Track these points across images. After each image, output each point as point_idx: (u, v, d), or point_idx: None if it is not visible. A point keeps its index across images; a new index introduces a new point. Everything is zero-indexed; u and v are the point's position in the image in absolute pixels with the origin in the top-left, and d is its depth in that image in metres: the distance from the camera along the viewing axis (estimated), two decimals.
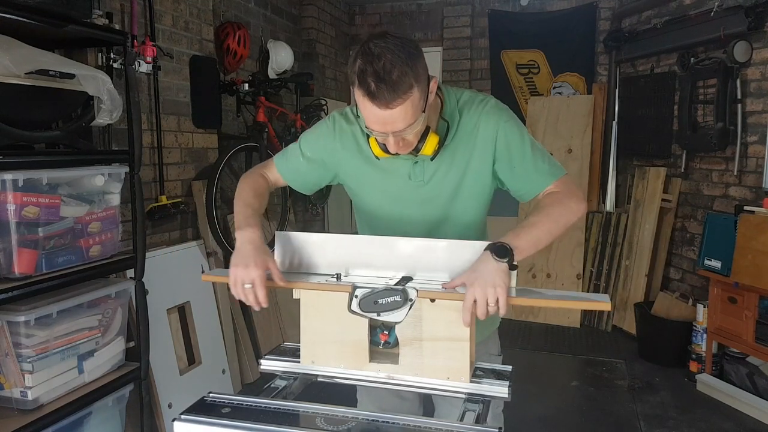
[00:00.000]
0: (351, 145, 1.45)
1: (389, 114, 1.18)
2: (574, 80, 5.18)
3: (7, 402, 1.88)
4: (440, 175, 1.41)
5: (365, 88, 1.16)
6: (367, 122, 1.24)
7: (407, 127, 1.22)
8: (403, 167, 1.41)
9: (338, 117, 1.47)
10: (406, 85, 1.16)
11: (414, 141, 1.30)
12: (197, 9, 3.19)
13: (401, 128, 1.22)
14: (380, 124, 1.22)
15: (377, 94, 1.15)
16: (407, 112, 1.19)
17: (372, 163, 1.42)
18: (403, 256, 1.32)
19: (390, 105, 1.17)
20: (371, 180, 1.46)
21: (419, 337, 1.23)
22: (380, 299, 1.20)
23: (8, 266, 1.81)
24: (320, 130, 1.49)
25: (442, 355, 1.22)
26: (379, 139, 1.30)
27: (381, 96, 1.15)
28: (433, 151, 1.33)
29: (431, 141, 1.31)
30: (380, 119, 1.20)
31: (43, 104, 1.93)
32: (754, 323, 3.12)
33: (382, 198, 1.48)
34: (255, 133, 3.58)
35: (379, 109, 1.18)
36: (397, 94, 1.16)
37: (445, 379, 1.22)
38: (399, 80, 1.15)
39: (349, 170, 1.48)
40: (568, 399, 3.37)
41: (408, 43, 1.20)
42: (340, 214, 5.50)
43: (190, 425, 1.09)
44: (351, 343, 1.26)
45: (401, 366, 1.25)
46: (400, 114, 1.19)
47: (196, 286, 3.06)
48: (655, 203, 4.19)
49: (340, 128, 1.45)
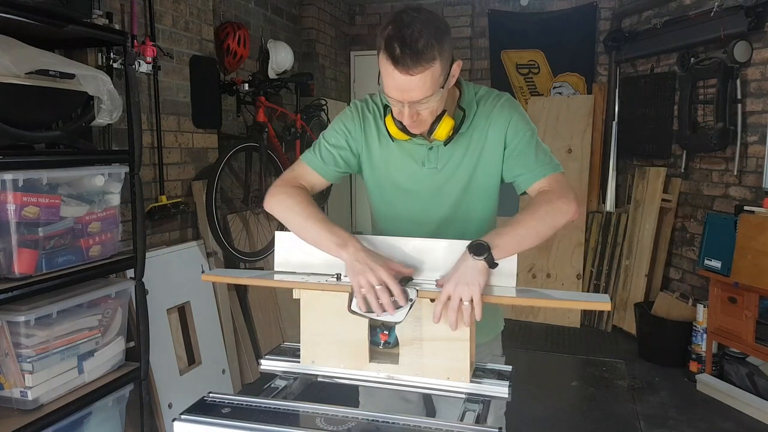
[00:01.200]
0: (371, 129, 1.47)
1: (409, 81, 1.20)
2: (574, 80, 5.18)
3: (7, 402, 1.88)
4: (453, 164, 1.43)
5: (390, 53, 1.19)
6: (387, 88, 1.26)
7: (424, 98, 1.24)
8: (417, 152, 1.44)
9: (359, 102, 1.51)
10: (429, 56, 1.19)
11: (429, 119, 1.31)
12: (197, 9, 3.19)
13: (418, 98, 1.24)
14: (399, 90, 1.24)
15: (401, 59, 1.18)
16: (426, 82, 1.21)
17: (389, 148, 1.45)
18: (403, 256, 1.32)
19: (411, 71, 1.19)
20: (386, 166, 1.48)
21: (419, 337, 1.23)
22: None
23: (8, 266, 1.81)
24: (343, 116, 1.51)
25: (443, 355, 1.22)
26: (395, 111, 1.32)
27: (404, 62, 1.18)
28: (446, 136, 1.35)
29: (445, 124, 1.33)
30: (400, 85, 1.22)
31: (43, 104, 1.93)
32: (754, 323, 3.12)
33: (394, 191, 1.49)
34: (255, 133, 3.58)
35: (400, 74, 1.20)
36: (419, 62, 1.19)
37: (445, 379, 1.23)
38: (423, 49, 1.18)
39: (368, 154, 1.49)
40: (568, 399, 3.37)
41: (438, 19, 1.24)
42: (340, 214, 5.50)
43: (190, 425, 1.09)
44: (351, 343, 1.26)
45: (401, 366, 1.25)
46: (419, 83, 1.21)
47: (196, 286, 3.06)
48: (655, 203, 4.19)
49: (362, 112, 1.48)
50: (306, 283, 1.30)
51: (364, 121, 1.48)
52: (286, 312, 3.77)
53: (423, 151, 1.43)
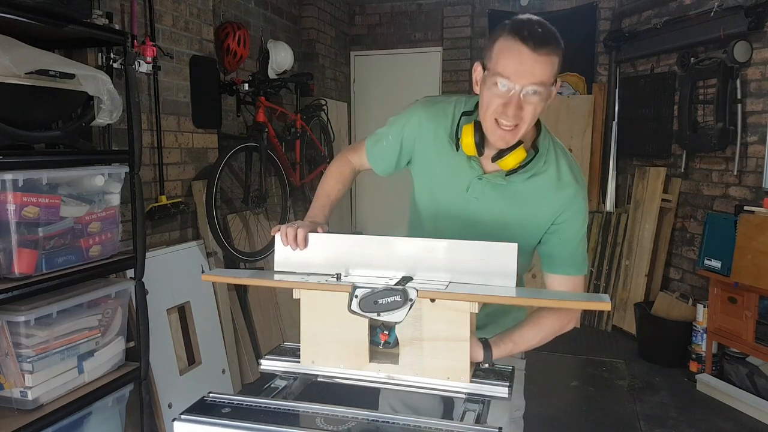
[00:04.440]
0: (429, 135, 1.44)
1: (533, 58, 1.20)
2: (574, 80, 5.18)
3: (7, 402, 1.88)
4: (493, 201, 1.39)
5: (519, 33, 1.20)
6: (503, 69, 1.22)
7: (537, 85, 1.22)
8: (466, 175, 1.40)
9: (425, 104, 1.47)
10: (556, 43, 1.22)
11: (527, 120, 1.26)
12: (197, 9, 3.19)
13: (533, 81, 1.21)
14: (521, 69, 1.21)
15: (531, 36, 1.19)
16: (545, 69, 1.21)
17: (442, 159, 1.41)
18: (403, 256, 1.31)
19: (538, 48, 1.19)
20: (431, 177, 1.46)
21: (419, 337, 1.22)
22: (380, 299, 1.19)
23: (8, 266, 1.81)
24: (407, 113, 1.49)
25: (443, 355, 1.22)
26: (499, 96, 1.25)
27: (535, 39, 1.19)
28: (512, 166, 1.32)
29: (517, 153, 1.30)
30: (520, 62, 1.20)
31: (43, 104, 1.93)
32: (754, 323, 3.12)
33: (431, 206, 1.47)
34: (255, 133, 3.59)
35: (527, 48, 1.19)
36: (549, 42, 1.21)
37: (445, 379, 1.22)
38: (555, 39, 1.22)
39: (419, 159, 1.48)
40: (568, 399, 3.37)
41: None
42: (340, 214, 5.50)
43: (190, 425, 1.09)
44: (351, 343, 1.26)
45: (401, 366, 1.24)
46: (540, 65, 1.20)
47: (196, 286, 3.06)
48: (655, 203, 4.20)
49: (425, 114, 1.45)
50: (306, 283, 1.30)
51: (425, 122, 1.44)
52: (286, 312, 3.78)
53: (472, 177, 1.39)
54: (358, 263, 1.34)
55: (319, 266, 1.37)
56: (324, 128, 4.67)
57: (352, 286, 1.23)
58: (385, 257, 1.33)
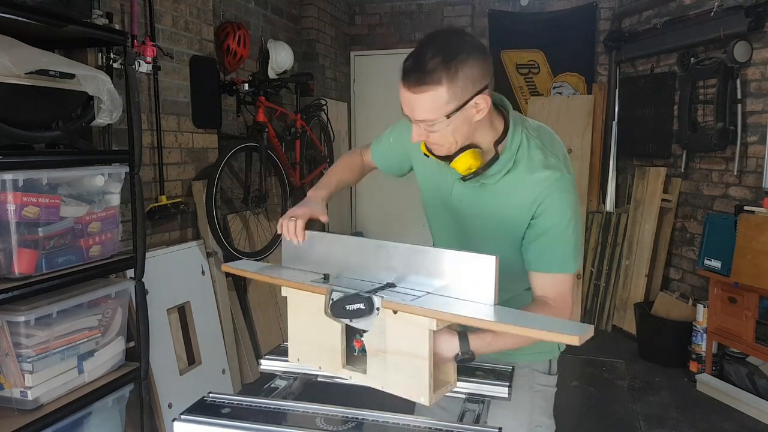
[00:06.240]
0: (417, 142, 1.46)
1: (412, 98, 1.21)
2: (574, 80, 5.18)
3: (7, 402, 1.88)
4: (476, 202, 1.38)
5: (402, 72, 1.21)
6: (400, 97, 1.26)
7: (425, 121, 1.23)
8: (449, 179, 1.40)
9: None
10: (433, 79, 1.17)
11: (443, 144, 1.27)
12: (197, 9, 3.19)
13: (420, 118, 1.23)
14: (404, 103, 1.24)
15: (406, 75, 1.20)
16: (426, 105, 1.20)
17: (429, 164, 1.42)
18: (393, 261, 1.26)
19: (412, 89, 1.20)
20: (427, 179, 1.50)
21: (383, 348, 1.17)
22: (348, 305, 1.16)
23: (8, 266, 1.81)
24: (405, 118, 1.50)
25: (404, 370, 1.15)
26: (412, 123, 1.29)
27: (407, 78, 1.20)
28: (463, 170, 1.29)
29: (465, 158, 1.27)
30: (405, 101, 1.24)
31: (43, 104, 1.93)
32: (754, 323, 3.12)
33: (432, 199, 1.51)
34: (255, 133, 3.58)
35: (404, 89, 1.21)
36: (421, 83, 1.18)
37: (407, 396, 1.16)
38: (430, 71, 1.17)
39: (415, 163, 1.53)
40: (568, 399, 3.37)
41: (469, 50, 1.19)
42: (340, 214, 5.50)
43: (190, 425, 1.09)
44: (328, 345, 1.25)
45: (369, 376, 1.21)
46: (419, 104, 1.21)
47: (196, 286, 3.06)
48: (655, 203, 4.19)
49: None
50: (284, 280, 1.30)
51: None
52: (286, 312, 3.77)
53: (453, 180, 1.39)
54: (354, 265, 1.32)
55: (318, 265, 1.37)
56: (324, 128, 4.67)
57: (329, 289, 1.20)
58: (377, 261, 1.29)
